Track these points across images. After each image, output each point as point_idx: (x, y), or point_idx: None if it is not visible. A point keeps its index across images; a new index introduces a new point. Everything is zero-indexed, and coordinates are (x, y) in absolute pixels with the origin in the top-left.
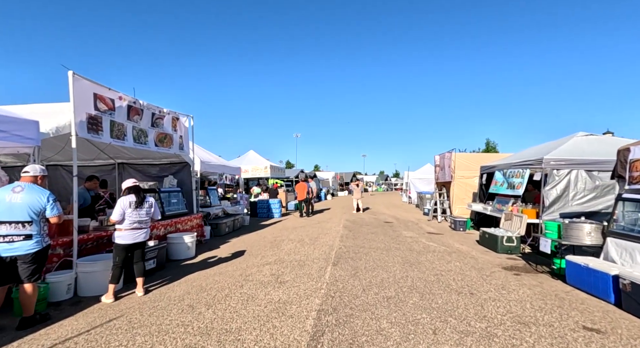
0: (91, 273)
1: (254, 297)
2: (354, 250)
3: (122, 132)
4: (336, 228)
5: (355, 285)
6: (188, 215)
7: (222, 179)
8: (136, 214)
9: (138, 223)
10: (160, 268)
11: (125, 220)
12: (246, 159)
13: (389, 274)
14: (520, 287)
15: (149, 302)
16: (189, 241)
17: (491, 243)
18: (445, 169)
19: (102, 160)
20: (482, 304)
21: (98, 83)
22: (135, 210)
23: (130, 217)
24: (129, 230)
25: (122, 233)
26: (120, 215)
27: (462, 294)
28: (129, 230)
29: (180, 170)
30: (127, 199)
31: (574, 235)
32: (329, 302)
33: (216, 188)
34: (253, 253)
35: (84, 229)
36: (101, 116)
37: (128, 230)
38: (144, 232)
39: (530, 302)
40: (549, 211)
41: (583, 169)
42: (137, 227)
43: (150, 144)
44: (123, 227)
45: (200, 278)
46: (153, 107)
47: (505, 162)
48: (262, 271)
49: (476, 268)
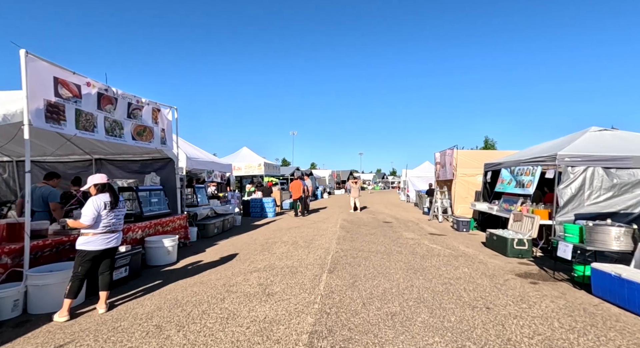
0: (45, 287)
1: (236, 315)
2: (352, 254)
3: (91, 123)
4: (333, 229)
5: (354, 297)
6: (171, 215)
7: (210, 177)
8: (112, 216)
9: (112, 226)
10: (134, 277)
11: (98, 224)
12: (239, 156)
13: (392, 283)
14: (541, 299)
15: (109, 322)
16: (169, 245)
17: (500, 246)
18: (447, 167)
19: (78, 156)
20: (503, 322)
21: (60, 66)
22: (110, 212)
23: (104, 220)
24: (101, 234)
25: (92, 238)
26: (93, 218)
27: (477, 309)
28: (101, 234)
29: (163, 167)
30: (100, 199)
31: (600, 240)
32: (324, 321)
33: (205, 186)
34: (241, 257)
35: (42, 234)
36: (64, 104)
37: (100, 234)
38: (117, 236)
39: (558, 320)
40: (563, 211)
41: (600, 166)
42: (111, 230)
43: (126, 137)
44: (93, 231)
45: (177, 289)
46: (129, 96)
47: (512, 159)
48: (249, 280)
49: (487, 275)
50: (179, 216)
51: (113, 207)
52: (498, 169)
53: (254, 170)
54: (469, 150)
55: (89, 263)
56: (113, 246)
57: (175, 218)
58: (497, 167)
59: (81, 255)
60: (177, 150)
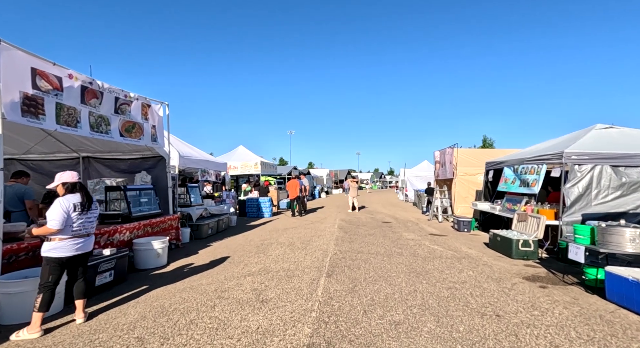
0: (18, 295)
1: (227, 324)
2: (351, 256)
3: (73, 118)
4: (330, 230)
5: (355, 304)
6: (162, 216)
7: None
8: (83, 219)
9: (84, 229)
10: (119, 282)
11: (66, 228)
12: (235, 155)
13: (394, 288)
14: (553, 305)
15: (87, 334)
16: (158, 247)
17: (504, 248)
18: (446, 166)
19: (64, 154)
20: (516, 332)
21: (38, 56)
22: (81, 214)
23: (74, 224)
24: (69, 239)
25: (59, 243)
26: (62, 223)
27: (486, 316)
28: (70, 239)
29: (154, 165)
30: (69, 200)
31: (614, 241)
32: (322, 332)
33: (198, 186)
34: (235, 260)
35: (18, 236)
36: (43, 97)
37: (68, 240)
38: (88, 240)
39: (574, 329)
40: (570, 211)
41: (608, 164)
42: (82, 234)
43: (113, 133)
44: (60, 236)
45: (165, 295)
46: (116, 90)
47: (515, 157)
48: (242, 285)
49: (493, 278)
50: (170, 216)
51: (85, 209)
52: (500, 168)
53: (250, 169)
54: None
55: (58, 271)
56: (84, 252)
57: (166, 218)
58: (500, 166)
59: (49, 263)
60: (169, 148)
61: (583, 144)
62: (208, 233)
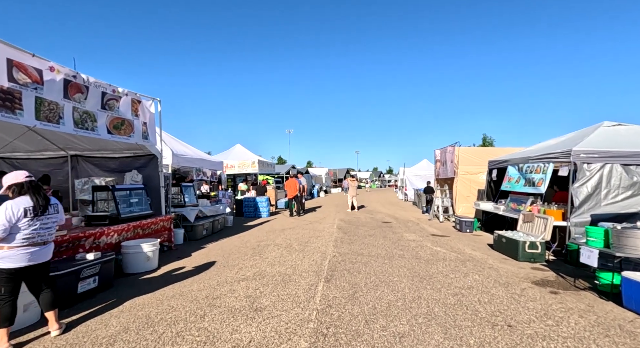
0: None
1: (216, 337)
2: (351, 259)
3: (55, 114)
4: (329, 230)
5: (355, 313)
6: (153, 217)
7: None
8: (37, 225)
9: (39, 237)
10: (105, 288)
11: (15, 236)
12: (232, 153)
13: (397, 294)
14: (567, 313)
15: None
16: (148, 250)
17: (510, 250)
18: (447, 165)
19: (51, 152)
20: (531, 346)
21: (16, 46)
22: (34, 220)
23: (25, 230)
24: (20, 248)
25: (8, 252)
26: (4, 230)
27: (497, 327)
28: (21, 248)
29: (146, 164)
30: (16, 205)
31: (630, 245)
32: (320, 346)
33: (193, 185)
34: (229, 263)
35: None
36: (20, 90)
37: (19, 248)
38: (47, 248)
39: (594, 341)
40: (579, 212)
41: (619, 163)
42: (36, 242)
43: (100, 130)
44: (7, 244)
45: (152, 303)
46: (103, 84)
47: (519, 155)
48: (235, 291)
49: (501, 283)
50: (162, 217)
51: (38, 213)
52: (504, 167)
53: (247, 168)
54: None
55: (11, 282)
56: (41, 262)
57: (158, 219)
58: (503, 165)
59: (0, 274)
60: (162, 146)
61: (591, 141)
62: (203, 234)
